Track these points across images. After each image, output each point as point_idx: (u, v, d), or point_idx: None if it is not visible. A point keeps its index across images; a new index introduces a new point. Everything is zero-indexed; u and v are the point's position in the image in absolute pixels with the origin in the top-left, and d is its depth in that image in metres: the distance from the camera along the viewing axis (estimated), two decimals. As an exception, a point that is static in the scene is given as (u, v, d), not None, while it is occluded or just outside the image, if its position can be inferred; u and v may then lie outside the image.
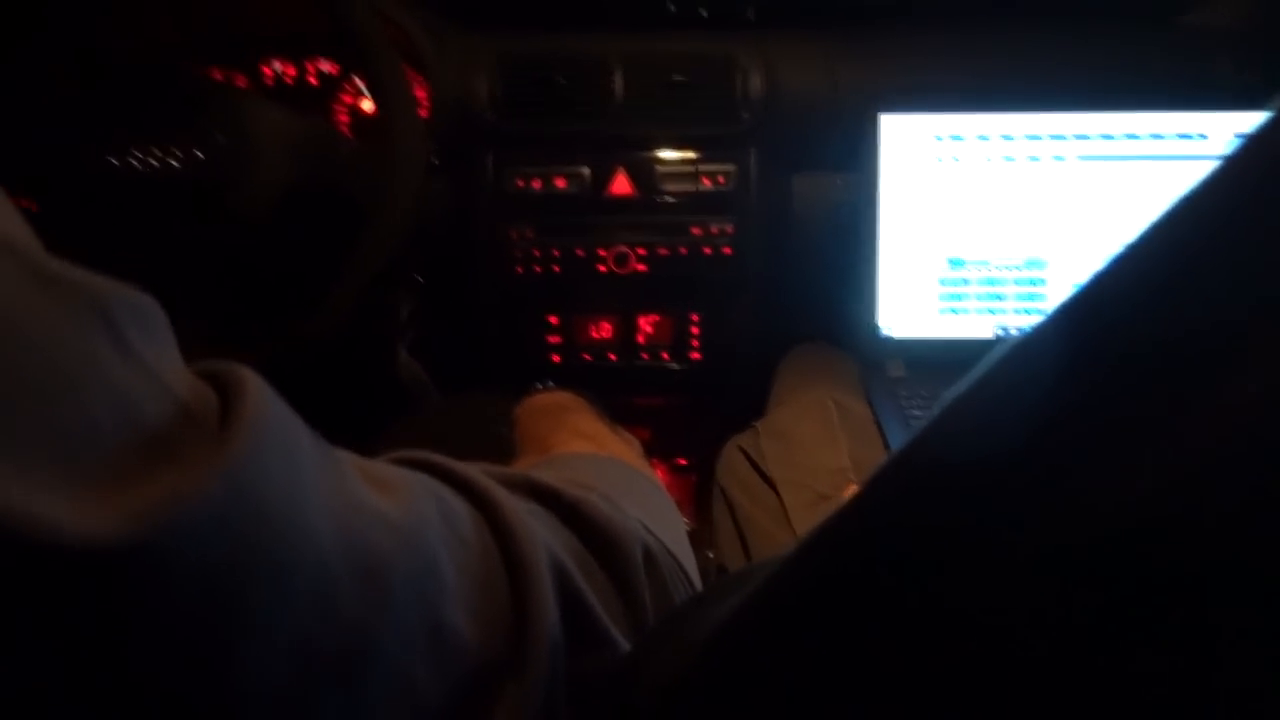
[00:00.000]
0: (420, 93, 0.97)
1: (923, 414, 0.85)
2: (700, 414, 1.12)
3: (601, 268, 0.99)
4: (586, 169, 0.98)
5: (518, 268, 0.99)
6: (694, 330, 1.03)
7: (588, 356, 1.03)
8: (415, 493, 0.30)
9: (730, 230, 0.99)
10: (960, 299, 0.94)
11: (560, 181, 0.98)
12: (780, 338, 1.05)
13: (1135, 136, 0.90)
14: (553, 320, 1.03)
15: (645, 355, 1.04)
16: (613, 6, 1.05)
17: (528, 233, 0.99)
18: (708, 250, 0.99)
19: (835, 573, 0.23)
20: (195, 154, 0.69)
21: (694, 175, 0.98)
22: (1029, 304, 0.94)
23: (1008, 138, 0.91)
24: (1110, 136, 0.91)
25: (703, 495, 0.97)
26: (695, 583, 0.45)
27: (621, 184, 0.98)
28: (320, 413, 0.32)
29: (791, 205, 1.03)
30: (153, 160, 0.68)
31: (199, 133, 0.70)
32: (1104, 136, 0.91)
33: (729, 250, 0.99)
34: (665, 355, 1.04)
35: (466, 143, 0.99)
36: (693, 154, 0.99)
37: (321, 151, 0.81)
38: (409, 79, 0.77)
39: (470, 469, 0.35)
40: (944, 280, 0.94)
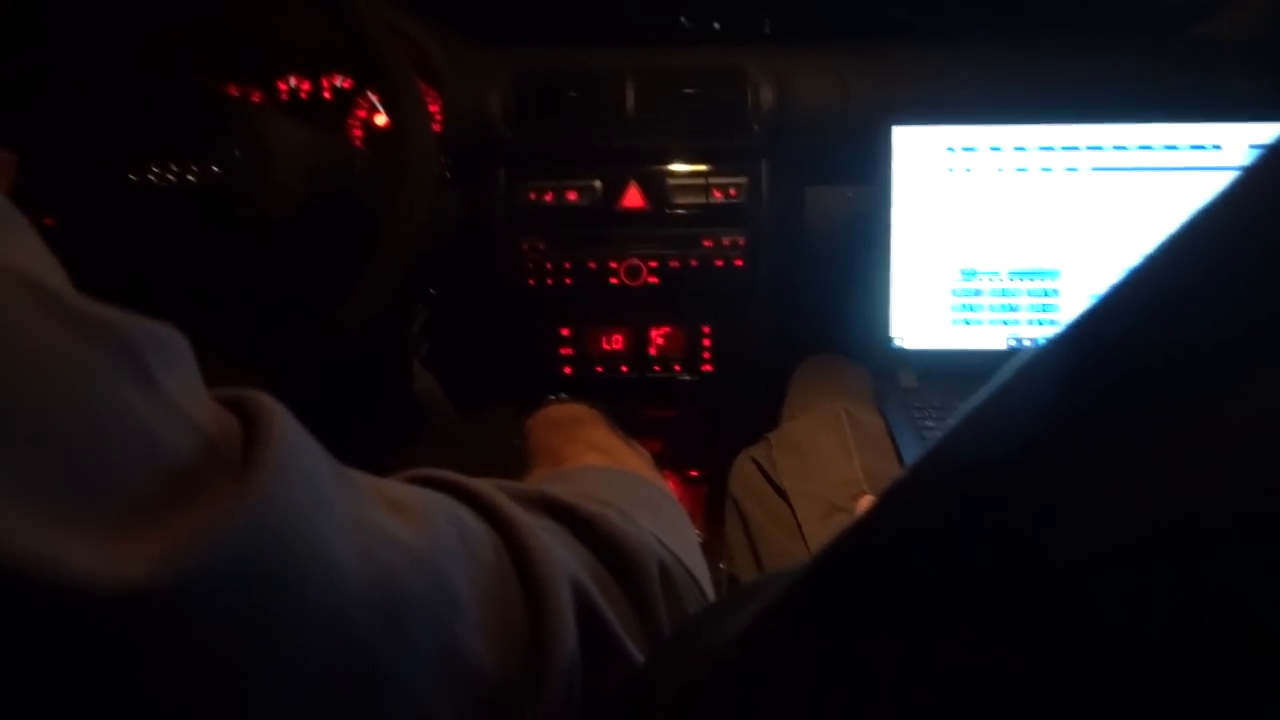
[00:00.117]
0: (433, 107, 0.98)
1: (936, 425, 0.85)
2: (712, 425, 1.11)
3: (613, 280, 0.99)
4: (598, 182, 0.98)
5: (530, 280, 1.00)
6: (706, 342, 1.03)
7: (600, 368, 1.04)
8: (432, 516, 0.30)
9: (742, 242, 0.99)
10: (973, 310, 0.94)
11: (572, 194, 0.98)
12: (792, 349, 1.05)
13: (1149, 147, 0.90)
14: (565, 332, 1.03)
15: (657, 367, 1.04)
16: (626, 21, 1.05)
17: (540, 245, 0.99)
18: (719, 262, 0.99)
19: (852, 581, 0.23)
20: (212, 169, 0.69)
21: (705, 187, 0.98)
22: (1042, 315, 0.93)
23: (1020, 149, 0.91)
24: (1124, 147, 0.90)
25: (714, 507, 0.97)
26: (709, 596, 0.45)
27: (633, 196, 0.99)
28: (335, 426, 0.32)
29: (803, 217, 1.03)
30: (170, 175, 0.68)
31: (216, 148, 0.70)
32: (1117, 147, 0.90)
33: (740, 262, 0.99)
34: (677, 367, 1.04)
35: (479, 156, 0.99)
36: (704, 166, 0.99)
37: (336, 165, 0.82)
38: (423, 93, 0.78)
39: (485, 486, 0.35)
40: (957, 291, 0.94)
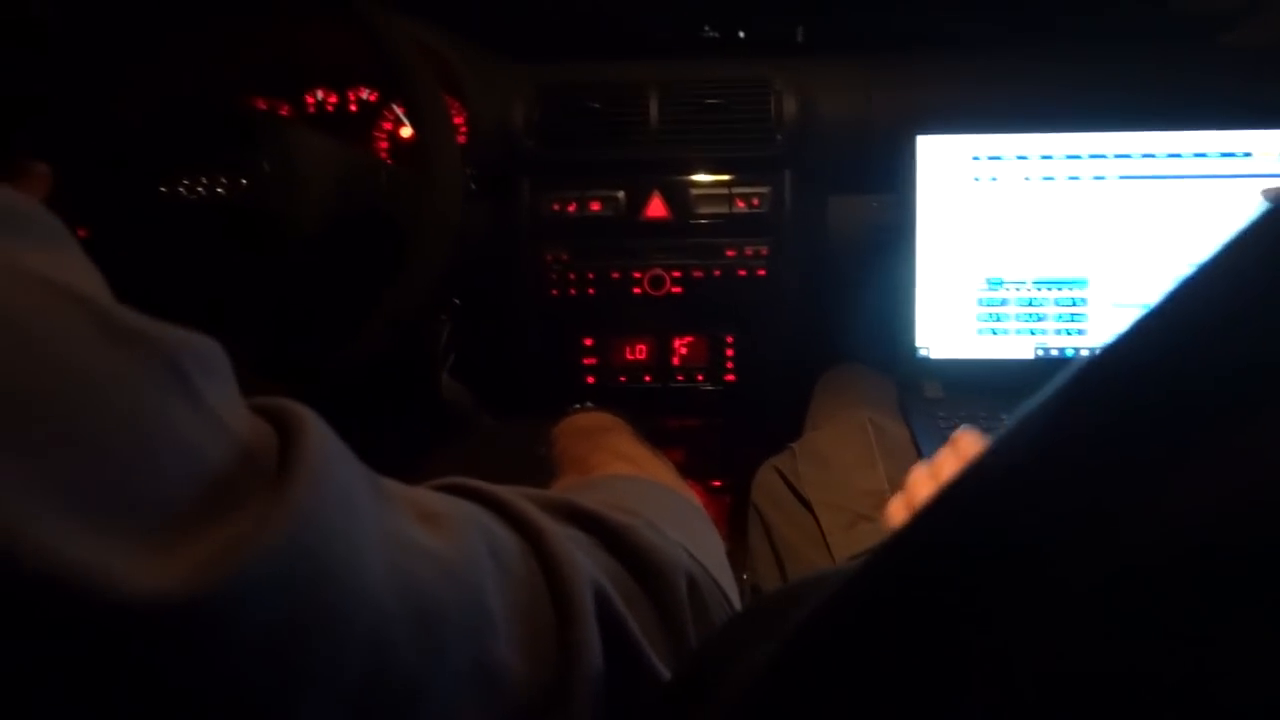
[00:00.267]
0: (458, 119, 0.99)
1: (962, 436, 0.84)
2: (735, 435, 1.11)
3: (636, 290, 1.00)
4: (621, 192, 0.99)
5: (553, 290, 1.00)
6: (729, 352, 1.03)
7: (623, 378, 1.04)
8: (463, 526, 0.30)
9: (765, 252, 0.99)
10: (999, 319, 0.93)
11: (595, 205, 0.99)
12: (816, 359, 1.05)
13: (1178, 155, 0.89)
14: (588, 342, 1.03)
15: (680, 377, 1.04)
16: (651, 34, 1.06)
17: (563, 256, 0.99)
18: (742, 272, 0.99)
19: (880, 597, 0.22)
20: (240, 182, 0.70)
21: (729, 197, 0.99)
22: (1069, 324, 0.92)
23: (1047, 157, 0.91)
24: (1152, 155, 0.89)
25: (738, 517, 0.96)
26: (736, 607, 0.44)
27: (656, 207, 0.99)
28: (366, 436, 0.32)
29: (826, 226, 1.02)
30: (199, 189, 0.70)
31: (244, 161, 0.71)
32: (1145, 155, 0.89)
33: (763, 272, 0.99)
34: (700, 377, 1.04)
35: (503, 168, 1.00)
36: (727, 176, 0.99)
37: (362, 178, 0.83)
38: (448, 106, 0.79)
39: (514, 495, 0.35)
40: (982, 300, 0.93)
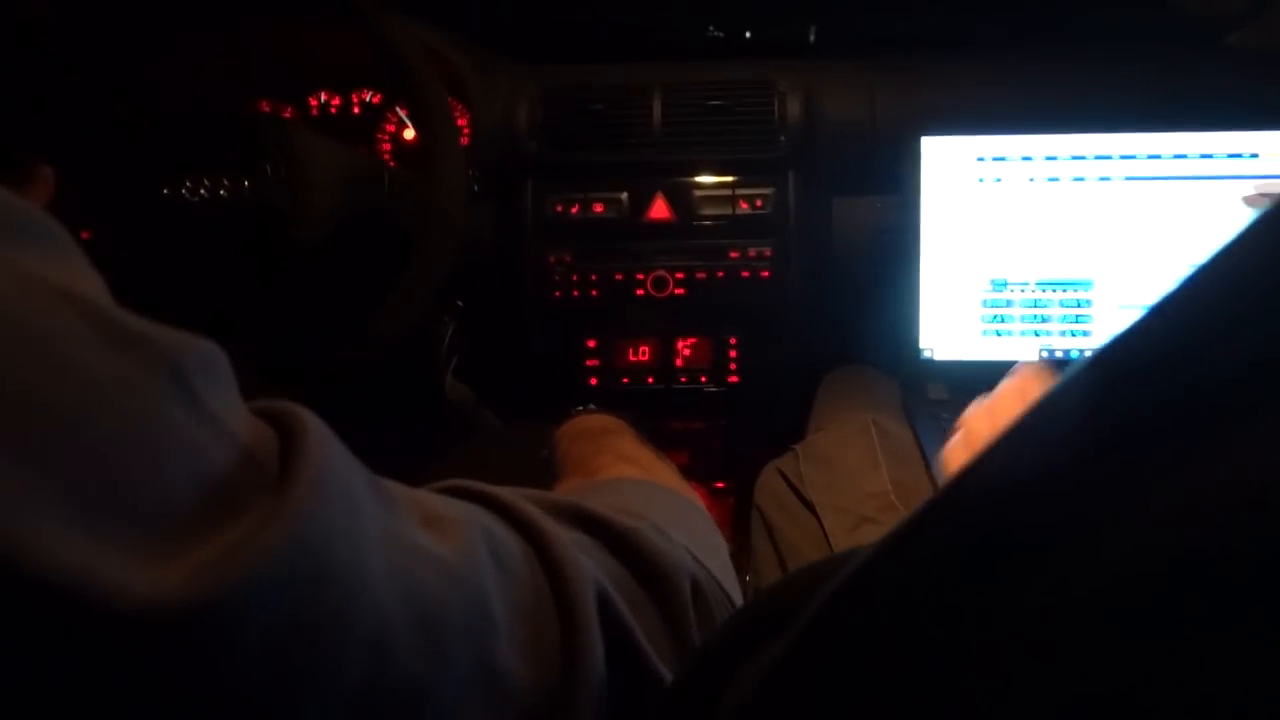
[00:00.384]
0: (461, 121, 0.99)
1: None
2: (739, 437, 1.11)
3: (640, 291, 1.00)
4: (625, 194, 0.99)
5: (556, 292, 1.00)
6: (732, 353, 1.03)
7: (626, 380, 1.04)
8: (466, 530, 0.30)
9: (768, 253, 0.99)
10: (1003, 320, 0.93)
11: (599, 207, 0.99)
12: (819, 360, 1.05)
13: (1184, 156, 0.89)
14: (591, 344, 1.03)
15: (684, 378, 1.03)
16: (655, 35, 1.06)
17: (566, 258, 0.99)
18: (746, 274, 0.99)
19: (879, 599, 0.22)
20: (244, 184, 0.70)
21: (732, 199, 0.98)
22: (1074, 325, 0.92)
23: (1052, 158, 0.90)
24: (1158, 156, 0.89)
25: (741, 519, 0.96)
26: None
27: (660, 208, 0.99)
28: (369, 438, 0.32)
29: (830, 228, 1.02)
30: (203, 190, 0.70)
31: (248, 164, 0.72)
32: (1151, 156, 0.89)
33: (767, 273, 0.99)
34: (703, 378, 1.03)
35: (507, 169, 1.00)
36: (731, 178, 0.99)
37: (366, 179, 0.83)
38: (451, 108, 0.79)
39: (519, 498, 0.35)
40: (987, 302, 0.93)
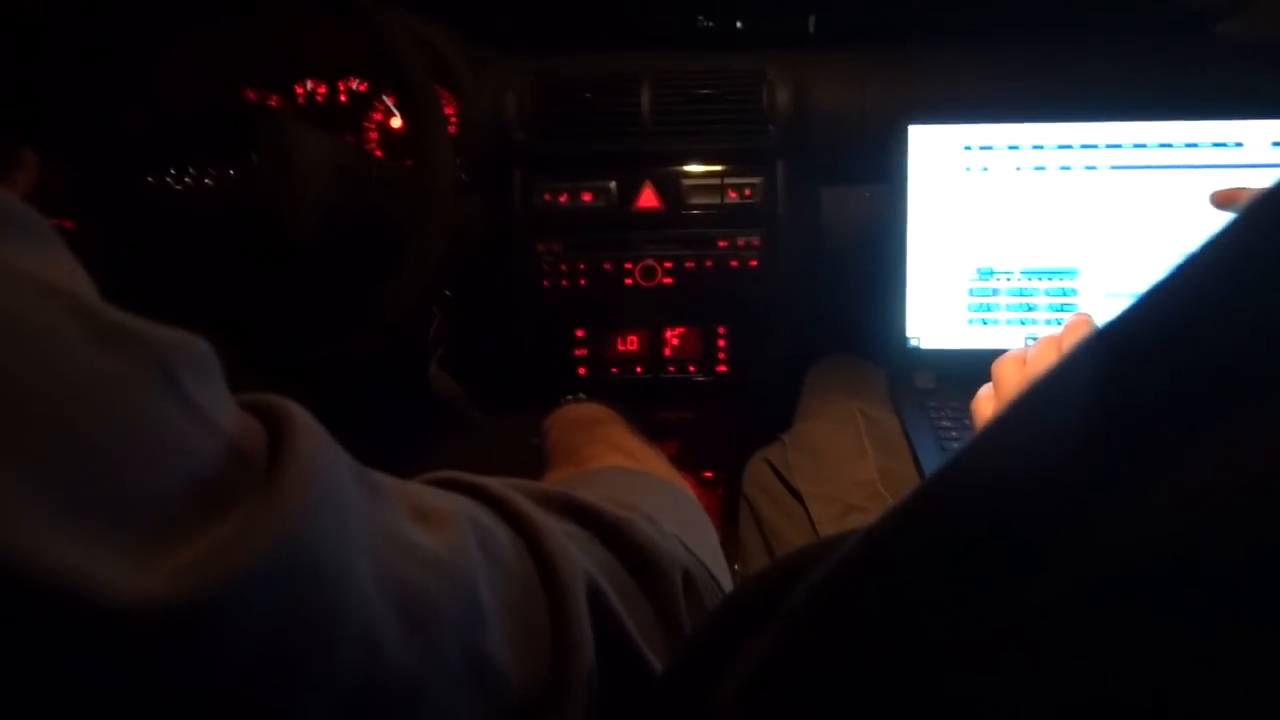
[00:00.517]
0: (449, 110, 0.99)
1: (952, 425, 0.84)
2: (727, 427, 1.11)
3: (628, 281, 1.00)
4: (613, 183, 0.98)
5: (545, 282, 1.00)
6: (721, 343, 1.03)
7: (615, 370, 1.04)
8: (456, 522, 0.30)
9: (757, 243, 0.99)
10: (990, 309, 0.93)
11: (587, 196, 0.98)
12: (808, 350, 1.05)
13: (1169, 145, 0.89)
14: (580, 334, 1.03)
15: (672, 368, 1.04)
16: (645, 24, 1.05)
17: (555, 247, 0.99)
18: (735, 263, 0.99)
19: (877, 583, 0.22)
20: (230, 174, 0.70)
21: (721, 188, 0.98)
22: (1060, 314, 0.93)
23: (1038, 147, 0.91)
24: (1143, 145, 0.89)
25: (729, 508, 0.97)
26: None
27: (649, 198, 0.99)
28: (357, 429, 0.32)
29: (819, 217, 1.02)
30: (187, 179, 0.69)
31: (233, 153, 0.71)
32: (1137, 145, 0.89)
33: (756, 263, 0.99)
34: (692, 368, 1.04)
35: (495, 159, 1.00)
36: (720, 167, 0.99)
37: (354, 169, 0.82)
38: (440, 97, 0.78)
39: (509, 490, 0.35)
40: (973, 290, 0.93)
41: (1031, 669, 0.17)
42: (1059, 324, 0.92)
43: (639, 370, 1.04)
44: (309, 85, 1.05)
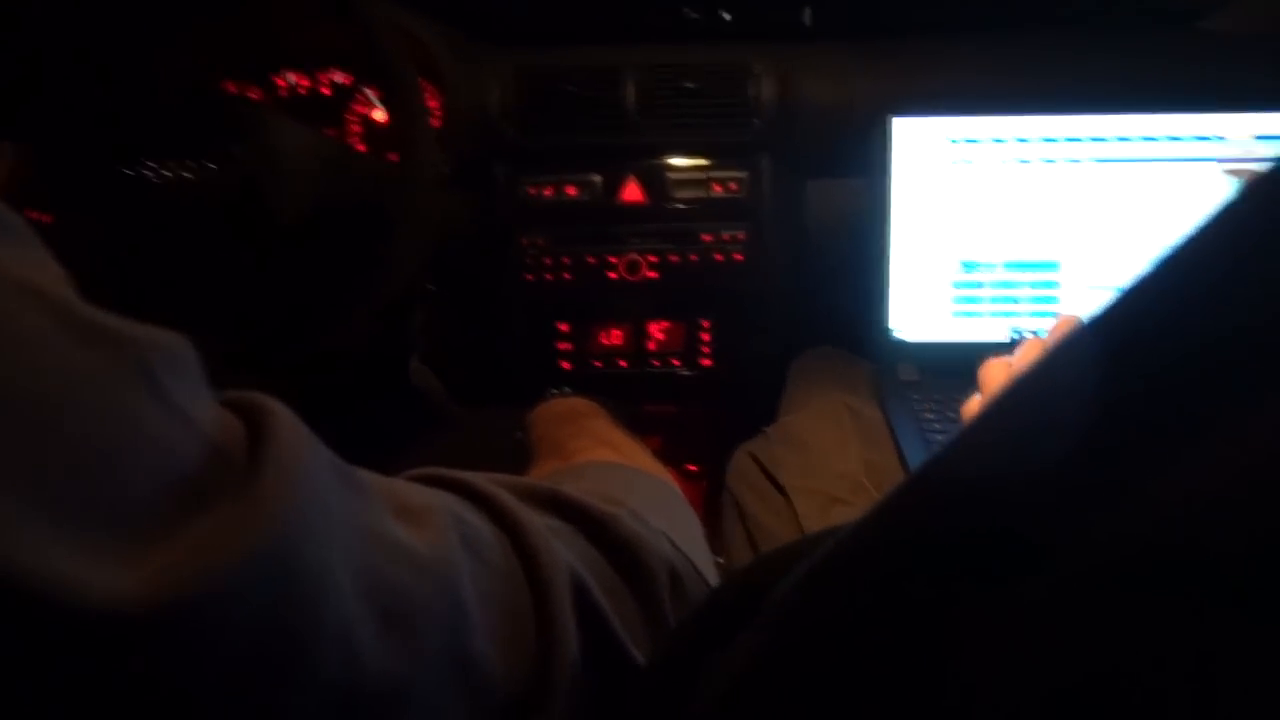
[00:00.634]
0: (433, 103, 0.98)
1: (936, 418, 0.84)
2: (711, 420, 1.11)
3: (613, 275, 0.99)
4: (598, 176, 0.98)
5: (529, 275, 1.00)
6: (705, 337, 1.03)
7: (598, 363, 1.04)
8: (439, 519, 0.30)
9: (742, 237, 0.99)
10: (974, 302, 0.94)
11: (571, 189, 0.98)
12: (792, 343, 1.05)
13: (1152, 138, 0.90)
14: (563, 327, 1.03)
15: (656, 362, 1.04)
16: (631, 18, 1.05)
17: (539, 241, 0.99)
18: (719, 257, 0.99)
19: (867, 578, 0.22)
20: (209, 167, 0.69)
21: (706, 182, 0.98)
22: (1043, 306, 0.93)
23: (1022, 140, 0.91)
24: (1126, 138, 0.90)
25: (713, 502, 0.97)
26: None
27: (633, 191, 0.99)
28: (338, 425, 0.32)
29: (804, 211, 1.02)
30: (166, 172, 0.68)
31: (211, 146, 0.70)
32: (1120, 139, 0.90)
33: (740, 257, 0.99)
34: (676, 362, 1.04)
35: (480, 152, 0.99)
36: (705, 161, 0.99)
37: (335, 162, 0.82)
38: (423, 90, 0.78)
39: (493, 485, 0.35)
40: (957, 283, 0.93)
41: (1028, 664, 0.17)
42: (1042, 316, 0.93)
43: (623, 364, 1.04)
44: (290, 78, 1.03)
